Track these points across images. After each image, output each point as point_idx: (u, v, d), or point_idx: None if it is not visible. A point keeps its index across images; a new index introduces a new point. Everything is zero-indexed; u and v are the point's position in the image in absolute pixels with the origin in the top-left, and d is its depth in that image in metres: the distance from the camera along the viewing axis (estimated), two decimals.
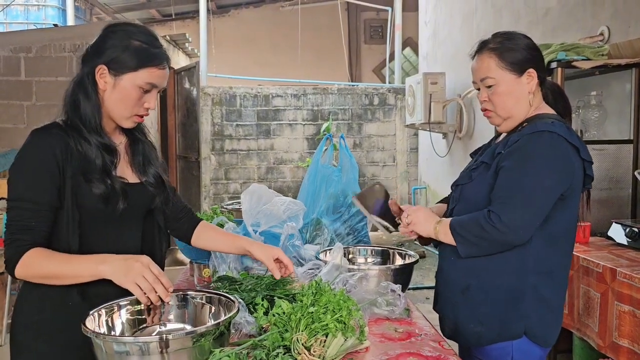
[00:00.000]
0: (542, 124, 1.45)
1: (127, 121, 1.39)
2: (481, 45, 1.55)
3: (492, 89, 1.52)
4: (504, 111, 1.53)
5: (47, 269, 1.26)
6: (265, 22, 10.68)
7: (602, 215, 2.94)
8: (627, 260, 2.31)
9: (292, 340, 1.17)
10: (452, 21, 6.16)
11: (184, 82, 6.31)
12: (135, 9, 9.20)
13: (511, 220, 1.39)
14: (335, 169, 2.33)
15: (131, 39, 1.34)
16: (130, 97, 1.34)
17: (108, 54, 1.32)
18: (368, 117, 7.63)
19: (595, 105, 3.15)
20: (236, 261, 1.83)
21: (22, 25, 7.13)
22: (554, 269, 1.49)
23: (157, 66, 1.36)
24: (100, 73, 1.33)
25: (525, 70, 1.50)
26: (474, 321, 1.51)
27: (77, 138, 1.32)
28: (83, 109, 1.33)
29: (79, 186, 1.30)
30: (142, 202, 1.45)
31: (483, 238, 1.43)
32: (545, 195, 1.41)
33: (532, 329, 1.46)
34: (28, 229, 1.26)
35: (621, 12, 3.25)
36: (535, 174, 1.40)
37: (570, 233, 1.51)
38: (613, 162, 3.02)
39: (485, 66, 1.52)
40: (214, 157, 7.44)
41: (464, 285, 1.54)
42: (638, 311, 2.05)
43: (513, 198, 1.41)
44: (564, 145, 1.41)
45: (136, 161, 1.46)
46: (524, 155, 1.43)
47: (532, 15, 4.36)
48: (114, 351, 1.09)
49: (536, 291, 1.46)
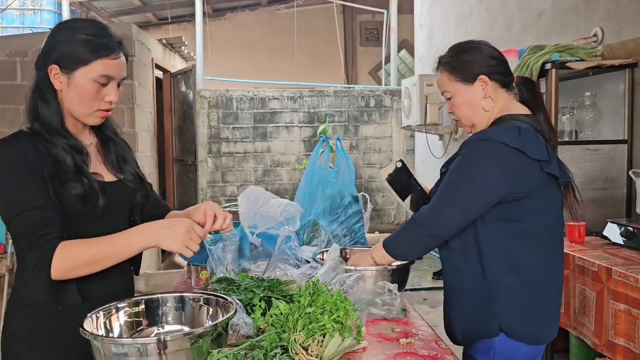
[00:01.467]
0: (480, 134, 1.53)
1: (91, 118, 1.35)
2: (438, 60, 1.65)
3: (452, 101, 1.62)
4: (465, 119, 1.62)
5: (87, 256, 1.23)
6: (261, 25, 10.71)
7: (597, 215, 2.96)
8: (622, 259, 2.32)
9: (289, 340, 1.18)
10: (447, 24, 6.19)
11: (180, 85, 6.31)
12: (131, 13, 9.21)
13: (430, 216, 1.52)
14: (331, 171, 2.34)
15: (77, 33, 1.30)
16: (87, 93, 1.30)
17: (56, 52, 1.29)
18: (364, 119, 7.65)
19: (589, 105, 3.17)
20: (234, 263, 1.84)
21: (17, 29, 7.13)
22: (529, 270, 1.51)
23: (108, 56, 1.30)
24: (54, 73, 1.29)
25: (476, 78, 1.56)
26: (460, 321, 1.59)
27: (44, 143, 1.29)
28: (42, 114, 1.30)
29: (57, 189, 1.27)
30: (123, 199, 1.44)
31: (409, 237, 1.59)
32: (472, 196, 1.48)
33: (509, 327, 1.50)
34: (46, 224, 1.22)
35: (614, 14, 3.27)
36: (464, 179, 1.49)
37: (547, 232, 1.53)
38: (607, 162, 3.05)
39: (442, 81, 1.62)
40: (210, 160, 7.44)
41: (452, 286, 1.63)
42: (634, 310, 2.07)
43: (435, 199, 1.54)
44: (501, 151, 1.45)
45: (109, 160, 1.44)
46: (459, 162, 1.53)
47: (526, 18, 4.39)
48: (112, 353, 1.09)
49: (511, 291, 1.49)
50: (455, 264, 1.57)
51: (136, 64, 4.97)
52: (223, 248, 1.85)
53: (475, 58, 1.57)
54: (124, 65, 1.36)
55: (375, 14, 9.99)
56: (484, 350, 1.53)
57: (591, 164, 3.03)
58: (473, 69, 1.55)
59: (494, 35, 4.88)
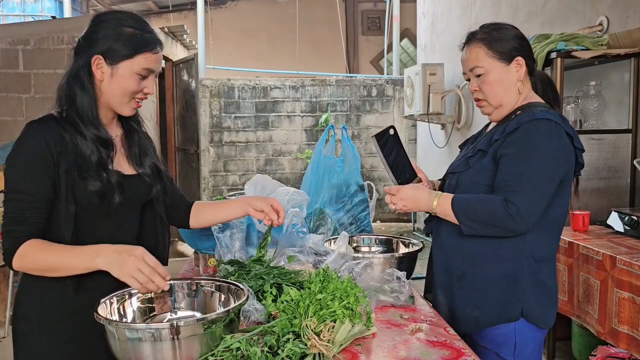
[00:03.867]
0: (539, 112, 1.47)
1: (126, 108, 1.38)
2: (469, 36, 1.58)
3: (482, 78, 1.55)
4: (495, 99, 1.55)
5: (43, 261, 1.26)
6: (263, 14, 10.65)
7: (601, 204, 2.97)
8: (626, 248, 2.33)
9: (301, 326, 1.19)
10: (450, 12, 6.16)
11: (182, 74, 6.29)
12: (132, 1, 9.16)
13: (526, 210, 1.41)
14: (337, 160, 2.34)
15: (123, 27, 1.33)
16: (129, 85, 1.34)
17: (102, 43, 1.31)
18: (366, 108, 7.65)
19: (594, 95, 3.17)
20: (241, 250, 1.85)
21: (18, 17, 7.10)
22: (548, 253, 1.54)
23: (151, 51, 1.35)
24: (97, 64, 1.32)
25: (513, 58, 1.53)
26: (470, 306, 1.55)
27: (73, 132, 1.31)
28: (80, 101, 1.32)
29: (74, 181, 1.29)
30: (139, 193, 1.44)
31: (490, 224, 1.45)
32: (549, 182, 1.44)
33: (529, 311, 1.50)
34: (23, 220, 1.26)
35: (620, 2, 3.26)
36: (540, 162, 1.43)
37: (561, 219, 1.55)
38: (612, 152, 3.05)
39: (474, 56, 1.55)
40: (212, 149, 7.44)
41: (459, 272, 1.58)
42: (638, 298, 2.08)
43: (524, 186, 1.42)
44: (561, 133, 1.45)
45: (132, 152, 1.45)
46: (526, 142, 1.44)
47: (530, 6, 4.37)
48: (127, 338, 1.11)
49: (533, 275, 1.50)
50: (469, 248, 1.54)
51: None
52: (231, 236, 1.86)
53: (512, 37, 1.54)
54: (161, 59, 1.42)
55: (377, 2, 9.95)
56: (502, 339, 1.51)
57: (596, 154, 3.04)
58: (511, 48, 1.53)
59: None
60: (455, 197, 1.52)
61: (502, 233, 1.47)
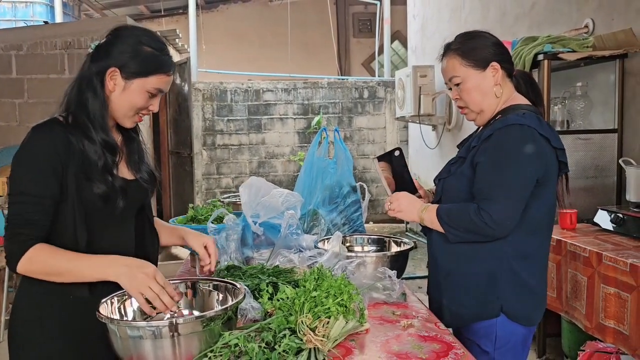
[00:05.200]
0: (513, 117, 1.52)
1: (130, 121, 1.43)
2: (445, 47, 1.66)
3: (460, 87, 1.61)
4: (475, 105, 1.61)
5: (52, 266, 1.27)
6: (254, 18, 10.69)
7: (588, 202, 3.04)
8: (613, 245, 2.40)
9: (296, 322, 1.24)
10: (440, 15, 6.23)
11: (175, 78, 6.32)
12: (124, 5, 9.17)
13: (500, 217, 1.46)
14: (330, 162, 2.39)
15: (143, 45, 1.37)
16: (138, 101, 1.38)
17: (120, 58, 1.35)
18: (358, 110, 7.70)
19: (580, 95, 3.24)
20: (237, 251, 1.89)
21: (10, 22, 7.09)
22: (531, 253, 1.57)
23: (166, 73, 1.40)
24: (112, 75, 1.35)
25: (488, 64, 1.58)
26: (455, 304, 1.62)
27: (79, 136, 1.33)
28: (92, 107, 1.35)
29: (81, 183, 1.31)
30: (137, 198, 1.48)
31: (471, 231, 1.52)
32: (523, 186, 1.49)
33: (510, 309, 1.55)
34: (30, 223, 1.27)
35: (605, 5, 3.33)
36: (512, 168, 1.48)
37: (547, 218, 1.59)
38: (598, 151, 3.12)
39: (451, 66, 1.61)
40: (205, 152, 7.47)
41: (446, 270, 1.64)
42: (623, 293, 2.14)
43: (496, 194, 1.48)
44: (534, 136, 1.48)
45: (132, 159, 1.48)
46: (498, 149, 1.50)
47: (518, 9, 4.44)
48: (128, 336, 1.14)
49: (514, 274, 1.54)
50: (453, 248, 1.60)
51: None
52: (226, 237, 1.90)
53: (485, 45, 1.60)
54: (172, 80, 1.46)
55: (368, 5, 10.01)
56: (483, 332, 1.57)
57: (583, 153, 3.11)
58: (485, 54, 1.58)
59: (487, 26, 4.89)
60: (439, 208, 1.59)
61: (483, 239, 1.53)
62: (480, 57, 1.58)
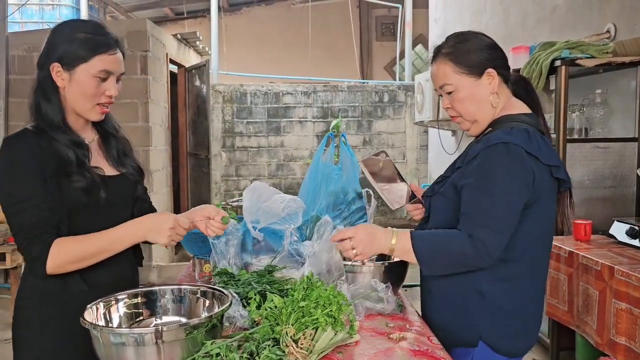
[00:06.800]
0: (499, 135, 1.38)
1: (92, 113, 1.41)
2: (435, 50, 1.49)
3: (452, 95, 1.46)
4: (469, 116, 1.47)
5: (83, 251, 1.32)
6: (276, 20, 10.73)
7: (605, 213, 2.94)
8: (627, 259, 2.31)
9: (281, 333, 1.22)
10: (461, 19, 6.15)
11: (195, 80, 6.37)
12: (148, 8, 9.30)
13: (493, 245, 1.34)
14: (335, 167, 2.36)
15: (76, 32, 1.37)
16: (88, 88, 1.37)
17: (57, 51, 1.35)
18: (378, 114, 7.66)
19: (599, 103, 3.15)
20: (236, 257, 1.88)
21: (36, 24, 7.25)
22: (512, 278, 1.42)
23: (106, 52, 1.38)
24: (56, 71, 1.36)
25: (484, 71, 1.43)
26: (436, 325, 1.51)
27: (48, 139, 1.35)
28: (44, 111, 1.36)
29: (60, 183, 1.33)
30: (125, 192, 1.50)
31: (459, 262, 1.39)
32: (512, 212, 1.36)
33: (488, 338, 1.42)
34: (40, 222, 1.28)
35: (628, 9, 3.23)
36: (500, 192, 1.35)
37: (538, 242, 1.44)
38: (617, 160, 3.03)
39: (442, 73, 1.46)
40: (224, 154, 7.52)
41: (427, 288, 1.56)
42: (635, 309, 2.06)
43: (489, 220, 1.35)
44: (521, 154, 1.34)
45: (111, 155, 1.50)
46: (485, 171, 1.37)
47: (539, 13, 4.35)
48: (111, 342, 1.14)
49: (490, 300, 1.41)
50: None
51: (150, 59, 5.02)
52: (226, 242, 1.89)
53: (480, 48, 1.44)
54: (121, 60, 1.43)
55: (391, 8, 9.95)
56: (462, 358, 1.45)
57: (601, 162, 3.02)
58: (480, 59, 1.43)
59: (508, 30, 4.85)
60: (416, 235, 1.43)
61: (465, 269, 1.40)
62: (475, 63, 1.42)
